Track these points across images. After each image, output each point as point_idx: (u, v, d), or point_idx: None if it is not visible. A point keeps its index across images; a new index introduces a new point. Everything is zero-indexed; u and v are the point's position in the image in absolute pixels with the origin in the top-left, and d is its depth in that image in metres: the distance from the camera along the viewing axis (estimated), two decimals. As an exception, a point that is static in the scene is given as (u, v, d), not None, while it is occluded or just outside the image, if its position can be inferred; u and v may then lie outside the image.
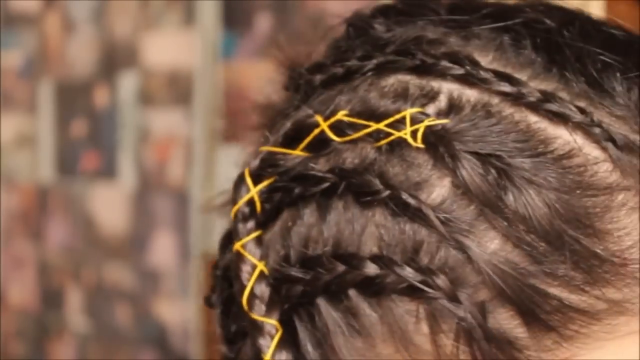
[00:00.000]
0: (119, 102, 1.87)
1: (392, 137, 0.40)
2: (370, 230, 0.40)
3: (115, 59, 1.88)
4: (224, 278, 0.45)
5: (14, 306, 2.19)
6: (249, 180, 0.43)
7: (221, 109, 1.64)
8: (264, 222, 0.43)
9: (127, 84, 1.85)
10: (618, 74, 0.40)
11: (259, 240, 0.43)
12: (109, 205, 1.91)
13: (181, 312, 1.74)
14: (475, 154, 0.38)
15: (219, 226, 0.45)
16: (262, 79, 0.47)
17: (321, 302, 0.41)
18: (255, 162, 0.43)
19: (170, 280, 1.76)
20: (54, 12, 2.05)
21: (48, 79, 2.06)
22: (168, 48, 1.77)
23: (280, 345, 0.41)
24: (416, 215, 0.39)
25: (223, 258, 0.46)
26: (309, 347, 0.41)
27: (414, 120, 0.40)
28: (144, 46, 1.82)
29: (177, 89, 1.74)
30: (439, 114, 0.40)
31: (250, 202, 0.43)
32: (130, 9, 1.84)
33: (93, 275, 1.96)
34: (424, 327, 0.39)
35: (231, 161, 0.46)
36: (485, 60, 0.41)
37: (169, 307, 1.78)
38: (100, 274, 1.94)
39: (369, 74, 0.42)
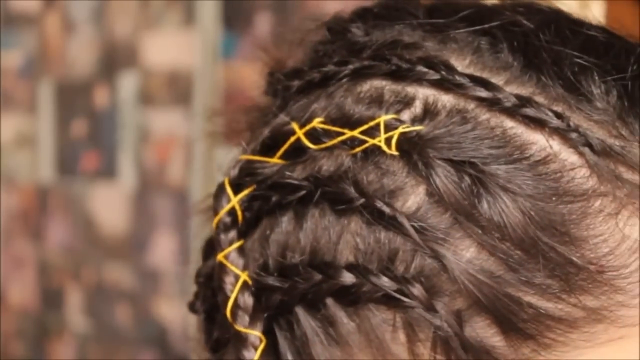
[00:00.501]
0: (119, 102, 1.87)
1: (366, 145, 0.39)
2: (346, 238, 0.40)
3: (115, 59, 1.88)
4: (206, 286, 0.45)
5: (14, 306, 2.19)
6: (229, 190, 0.43)
7: (221, 109, 1.64)
8: (245, 231, 0.43)
9: (127, 84, 1.85)
10: (596, 77, 0.39)
11: (241, 250, 0.43)
12: (109, 205, 1.91)
13: (181, 312, 1.74)
14: (450, 161, 0.38)
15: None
16: (261, 80, 0.47)
17: (299, 311, 0.40)
18: (235, 171, 0.43)
19: (170, 280, 1.76)
20: (54, 12, 2.05)
21: (48, 79, 2.06)
22: (168, 48, 1.77)
23: (264, 357, 0.41)
24: (391, 223, 0.38)
25: (205, 265, 0.45)
26: (288, 356, 0.41)
27: (388, 127, 0.39)
28: (144, 46, 1.82)
29: (177, 89, 1.74)
30: (414, 120, 0.39)
31: (232, 212, 0.43)
32: (130, 9, 1.84)
33: (93, 275, 1.96)
34: (401, 336, 0.39)
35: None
36: (462, 64, 0.40)
37: (169, 307, 1.78)
38: (100, 274, 1.94)
39: (345, 79, 0.42)
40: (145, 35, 1.82)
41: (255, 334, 0.41)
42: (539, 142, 0.38)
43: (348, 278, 0.39)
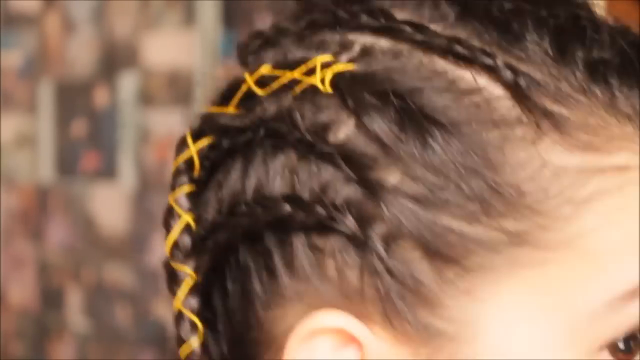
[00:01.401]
0: (119, 102, 1.87)
1: (303, 85, 0.42)
2: (284, 173, 0.42)
3: (115, 59, 1.88)
4: None
5: (14, 306, 2.19)
6: (189, 140, 0.45)
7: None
8: (204, 180, 0.45)
9: (127, 84, 1.85)
10: (529, 22, 0.41)
11: (191, 195, 0.45)
12: (109, 205, 1.91)
13: (181, 312, 1.74)
14: (377, 93, 0.40)
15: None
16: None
17: (242, 247, 0.42)
18: (196, 123, 0.45)
19: (170, 280, 1.76)
20: (54, 12, 2.05)
21: (48, 79, 2.06)
22: (168, 48, 1.77)
23: (191, 293, 0.43)
24: (322, 155, 0.41)
25: None
26: (234, 291, 0.43)
27: (324, 67, 0.42)
28: (144, 46, 1.82)
29: (177, 89, 1.74)
30: (350, 61, 0.42)
31: (188, 160, 0.45)
32: (130, 9, 1.84)
33: (93, 275, 1.96)
34: (331, 263, 0.40)
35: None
36: (401, 15, 0.42)
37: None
38: (100, 274, 1.94)
39: (294, 32, 0.44)
40: (145, 35, 1.82)
41: (185, 270, 0.43)
42: (465, 77, 0.41)
43: (284, 208, 0.41)
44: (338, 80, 0.41)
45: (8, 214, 2.17)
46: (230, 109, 0.44)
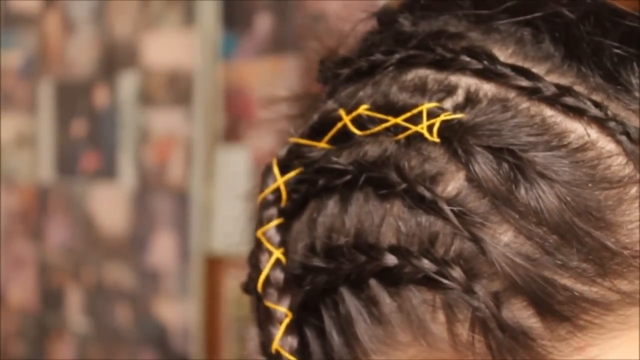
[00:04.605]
0: (119, 102, 1.87)
1: (409, 132, 0.41)
2: (388, 221, 0.41)
3: (115, 59, 1.88)
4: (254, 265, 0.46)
5: (14, 306, 2.19)
6: (276, 170, 0.44)
7: (221, 108, 1.64)
8: (292, 212, 0.44)
9: (127, 84, 1.85)
10: (635, 68, 0.40)
11: (280, 228, 0.44)
12: (109, 205, 1.91)
13: (181, 312, 1.74)
14: (489, 148, 0.39)
15: (220, 226, 0.46)
16: (262, 79, 0.48)
17: (344, 291, 0.42)
18: (283, 153, 0.44)
19: (170, 280, 1.77)
20: (54, 12, 2.05)
21: (48, 79, 2.06)
22: (168, 48, 1.77)
23: (288, 332, 0.42)
24: (431, 207, 0.40)
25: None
26: (333, 334, 0.42)
27: (431, 115, 0.40)
28: (144, 46, 1.82)
29: (177, 89, 1.74)
30: (456, 108, 0.41)
31: (276, 191, 0.44)
32: (130, 9, 1.84)
33: (93, 275, 1.96)
34: (441, 317, 0.40)
35: (231, 161, 0.47)
36: (505, 54, 0.42)
37: (169, 307, 1.78)
38: (100, 274, 1.94)
39: (391, 68, 0.43)
40: (145, 35, 1.82)
41: (281, 310, 0.42)
42: (577, 130, 0.39)
43: (390, 260, 0.40)
44: (445, 130, 0.40)
45: (8, 214, 2.17)
46: (322, 144, 0.43)
